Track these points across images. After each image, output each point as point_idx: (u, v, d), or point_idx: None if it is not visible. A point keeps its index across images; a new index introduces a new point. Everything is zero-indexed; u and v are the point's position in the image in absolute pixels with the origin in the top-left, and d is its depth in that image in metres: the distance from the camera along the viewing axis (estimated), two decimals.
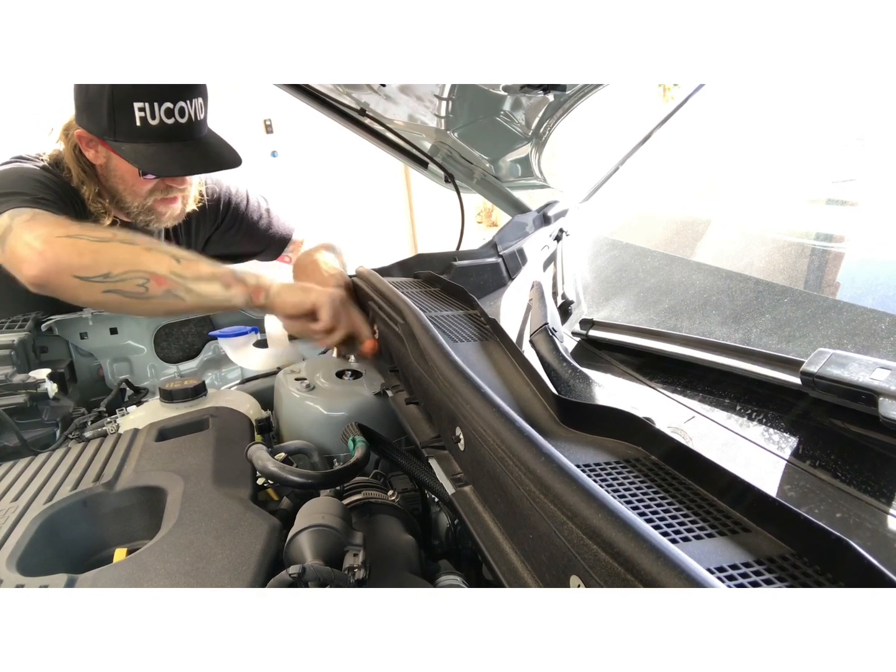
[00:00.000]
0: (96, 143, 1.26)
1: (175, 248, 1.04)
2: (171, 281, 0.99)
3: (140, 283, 1.00)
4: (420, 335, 0.74)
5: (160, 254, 1.02)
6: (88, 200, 1.30)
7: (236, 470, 0.79)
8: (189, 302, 1.02)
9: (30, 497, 0.76)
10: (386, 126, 1.55)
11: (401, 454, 0.83)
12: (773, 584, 0.36)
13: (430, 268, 1.18)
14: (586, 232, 1.17)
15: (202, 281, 1.01)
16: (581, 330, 0.77)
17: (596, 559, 0.38)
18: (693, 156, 1.23)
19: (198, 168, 1.32)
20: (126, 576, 0.61)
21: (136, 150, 1.21)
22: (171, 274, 0.99)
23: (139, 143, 1.21)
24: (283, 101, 1.86)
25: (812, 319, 0.60)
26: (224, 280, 1.01)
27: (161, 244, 1.05)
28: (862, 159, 0.85)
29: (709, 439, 0.55)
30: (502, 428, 0.51)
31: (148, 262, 1.00)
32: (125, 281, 0.99)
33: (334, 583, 0.56)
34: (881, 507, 0.42)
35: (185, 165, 1.27)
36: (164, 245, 1.05)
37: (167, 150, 1.23)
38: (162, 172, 1.26)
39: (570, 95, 1.28)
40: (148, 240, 1.06)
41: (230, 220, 1.58)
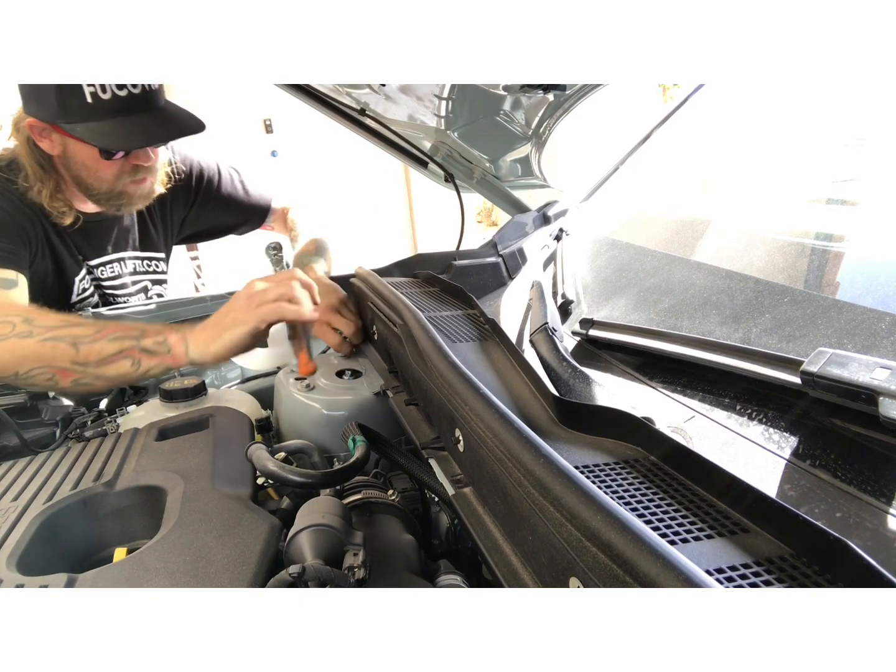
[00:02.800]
0: (49, 131, 1.19)
1: (76, 328, 0.93)
2: (75, 372, 0.91)
3: (48, 378, 0.93)
4: (419, 336, 0.74)
5: (57, 343, 0.92)
6: (46, 201, 1.24)
7: (236, 470, 0.79)
8: (102, 386, 0.95)
9: (30, 496, 0.76)
10: (386, 126, 1.55)
11: (401, 454, 0.83)
12: (773, 584, 0.36)
13: (429, 267, 1.18)
14: (586, 232, 1.17)
15: (108, 364, 0.91)
16: (581, 329, 0.77)
17: (595, 561, 0.38)
18: (693, 156, 1.22)
19: (159, 137, 1.24)
20: (126, 575, 0.61)
21: (92, 128, 1.14)
22: (73, 364, 0.91)
23: (94, 122, 1.15)
24: (283, 101, 1.87)
25: (812, 319, 0.60)
26: (133, 356, 0.92)
27: (61, 326, 0.93)
28: (862, 159, 0.85)
29: (709, 439, 0.55)
30: (501, 429, 0.51)
31: (46, 357, 0.92)
32: (35, 377, 0.93)
33: (334, 582, 0.56)
34: (881, 507, 0.42)
35: (146, 136, 1.20)
36: (64, 327, 0.93)
37: (124, 124, 1.16)
38: (122, 146, 1.19)
39: (570, 95, 1.28)
40: (45, 325, 0.94)
41: (204, 197, 1.55)
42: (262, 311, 0.87)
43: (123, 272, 1.47)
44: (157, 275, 1.56)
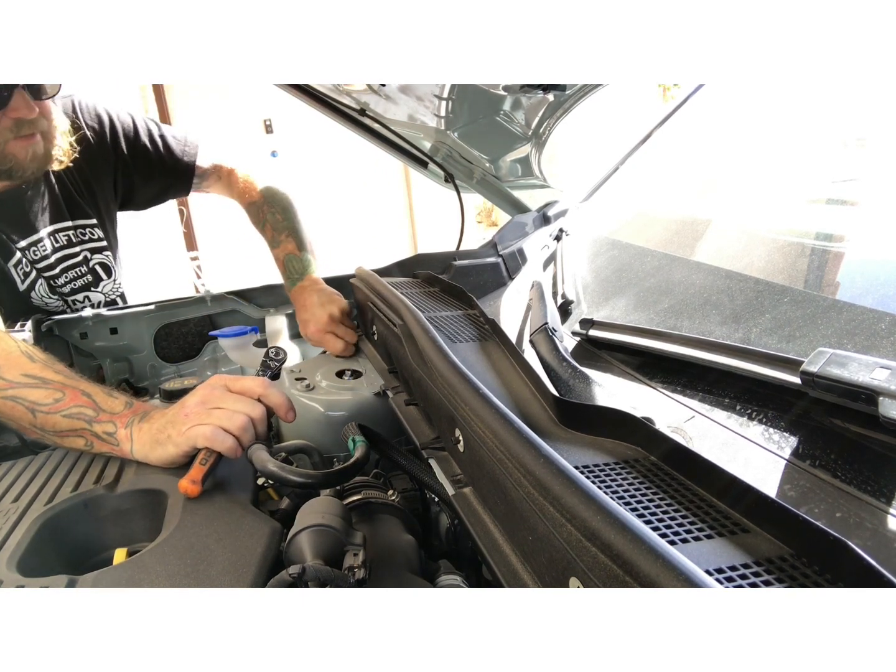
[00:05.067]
0: None
1: (35, 391, 0.87)
2: (36, 433, 0.87)
3: (15, 428, 0.89)
4: (419, 336, 0.74)
5: (16, 405, 0.86)
6: None
7: (237, 471, 0.79)
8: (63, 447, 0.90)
9: (30, 498, 0.76)
10: (386, 126, 1.55)
11: (401, 454, 0.83)
12: (772, 584, 0.36)
13: (429, 268, 1.19)
14: (586, 232, 1.17)
15: (63, 437, 0.87)
16: (581, 330, 0.77)
17: (595, 561, 0.38)
18: (693, 156, 1.23)
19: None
20: (127, 577, 0.61)
21: None
22: (33, 427, 0.86)
23: None
24: (283, 101, 1.86)
25: (812, 319, 0.60)
26: (85, 437, 0.86)
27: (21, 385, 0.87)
28: (862, 159, 0.85)
29: (709, 439, 0.55)
30: (501, 430, 0.51)
31: (7, 414, 0.87)
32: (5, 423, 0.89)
33: (334, 583, 0.56)
34: (881, 507, 0.42)
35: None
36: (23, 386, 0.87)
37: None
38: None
39: (570, 95, 1.28)
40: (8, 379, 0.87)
41: (125, 152, 1.40)
42: (193, 434, 0.78)
43: (56, 246, 1.36)
44: (94, 242, 1.43)
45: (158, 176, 1.46)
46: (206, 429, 0.78)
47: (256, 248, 1.55)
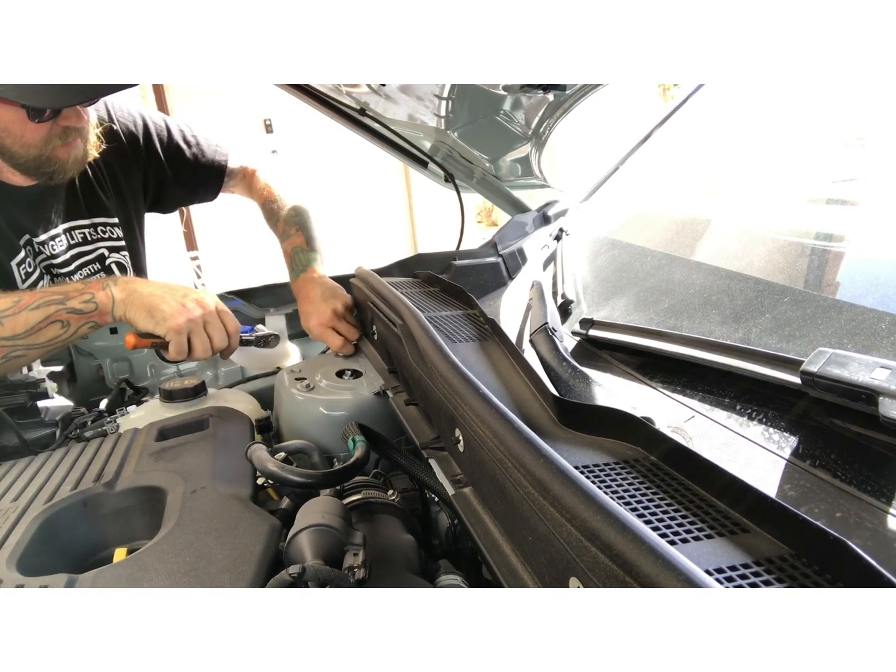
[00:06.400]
0: None
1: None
2: (4, 347, 0.88)
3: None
4: (419, 336, 0.74)
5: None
6: None
7: (236, 470, 0.79)
8: (36, 355, 0.91)
9: (30, 497, 0.76)
10: (386, 126, 1.55)
11: (401, 454, 0.83)
12: (772, 584, 0.36)
13: (429, 267, 1.19)
14: (586, 231, 1.17)
15: (36, 332, 0.88)
16: (581, 329, 0.77)
17: (595, 561, 0.38)
18: (693, 156, 1.23)
19: (93, 92, 1.08)
20: (126, 576, 0.61)
21: (19, 86, 0.97)
22: (4, 341, 0.87)
23: None
24: (283, 101, 1.86)
25: (812, 319, 0.60)
26: (61, 318, 0.88)
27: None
28: (862, 159, 0.85)
29: (709, 439, 0.55)
30: (501, 430, 0.51)
31: None
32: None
33: (334, 582, 0.56)
34: (881, 507, 0.42)
35: (81, 91, 1.04)
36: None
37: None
38: (57, 104, 1.04)
39: (570, 95, 1.28)
40: None
41: (157, 153, 1.41)
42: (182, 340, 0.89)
43: (71, 243, 1.36)
44: (112, 241, 1.43)
45: (191, 176, 1.48)
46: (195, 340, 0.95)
47: (256, 248, 1.55)
